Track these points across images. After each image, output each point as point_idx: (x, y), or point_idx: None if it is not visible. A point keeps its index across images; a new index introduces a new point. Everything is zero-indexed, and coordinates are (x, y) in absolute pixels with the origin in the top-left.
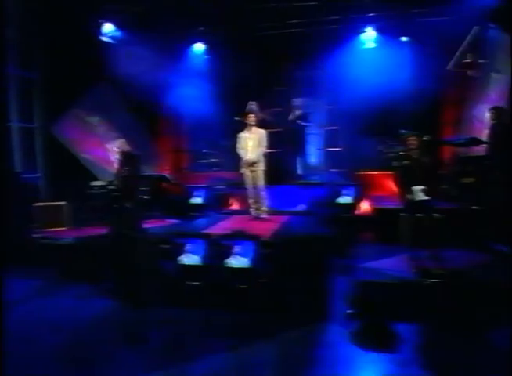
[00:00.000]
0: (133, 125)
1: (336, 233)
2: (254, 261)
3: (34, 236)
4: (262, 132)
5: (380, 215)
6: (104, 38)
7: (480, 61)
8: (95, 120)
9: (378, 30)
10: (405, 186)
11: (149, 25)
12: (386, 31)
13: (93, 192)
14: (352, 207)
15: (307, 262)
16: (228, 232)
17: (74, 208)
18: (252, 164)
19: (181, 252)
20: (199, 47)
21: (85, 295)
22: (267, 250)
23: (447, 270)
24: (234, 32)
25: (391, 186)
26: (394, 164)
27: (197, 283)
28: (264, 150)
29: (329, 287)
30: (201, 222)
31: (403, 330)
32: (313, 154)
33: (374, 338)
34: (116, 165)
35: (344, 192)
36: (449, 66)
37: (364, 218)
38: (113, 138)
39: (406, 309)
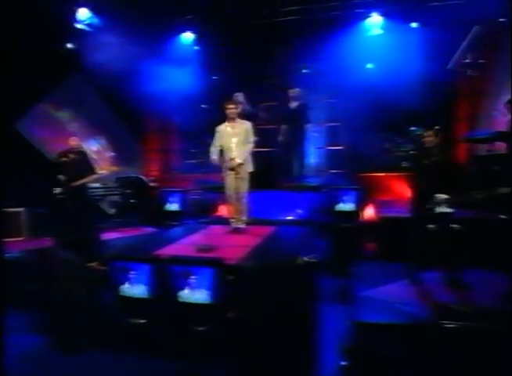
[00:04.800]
0: (112, 122)
1: (333, 248)
2: (216, 293)
3: None
4: (247, 125)
5: (387, 225)
6: (79, 25)
7: (480, 61)
8: (66, 115)
9: (385, 15)
10: (423, 193)
11: (131, 11)
12: (393, 16)
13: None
14: (354, 215)
15: (289, 291)
16: (192, 250)
17: (34, 216)
18: (237, 166)
19: (123, 279)
20: (187, 36)
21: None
22: (234, 278)
23: (475, 307)
24: (226, 20)
25: (400, 189)
26: (406, 165)
27: (142, 320)
28: (250, 147)
29: (318, 328)
30: (170, 233)
31: None
32: (312, 153)
33: None
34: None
35: (344, 197)
36: (450, 66)
37: (368, 228)
38: (89, 135)
39: (419, 362)
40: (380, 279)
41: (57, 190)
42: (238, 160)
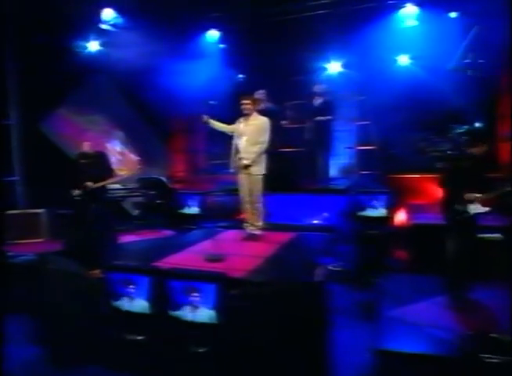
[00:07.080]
0: (137, 122)
1: (359, 257)
2: (218, 311)
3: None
4: (262, 122)
5: (420, 233)
6: (104, 26)
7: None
8: (90, 116)
9: (420, 4)
10: (454, 194)
11: (155, 11)
12: (430, 6)
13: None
14: (384, 221)
15: (303, 310)
16: (200, 260)
17: (55, 217)
18: (246, 166)
19: (119, 291)
20: (212, 34)
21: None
22: (239, 294)
23: None
24: (252, 17)
25: (436, 192)
26: (442, 165)
27: (137, 337)
28: (263, 146)
29: (335, 355)
30: (184, 239)
31: None
32: (341, 154)
33: None
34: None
35: (374, 201)
36: (449, 67)
37: (399, 236)
38: (114, 136)
39: None
40: (411, 295)
41: (77, 192)
42: (244, 162)
